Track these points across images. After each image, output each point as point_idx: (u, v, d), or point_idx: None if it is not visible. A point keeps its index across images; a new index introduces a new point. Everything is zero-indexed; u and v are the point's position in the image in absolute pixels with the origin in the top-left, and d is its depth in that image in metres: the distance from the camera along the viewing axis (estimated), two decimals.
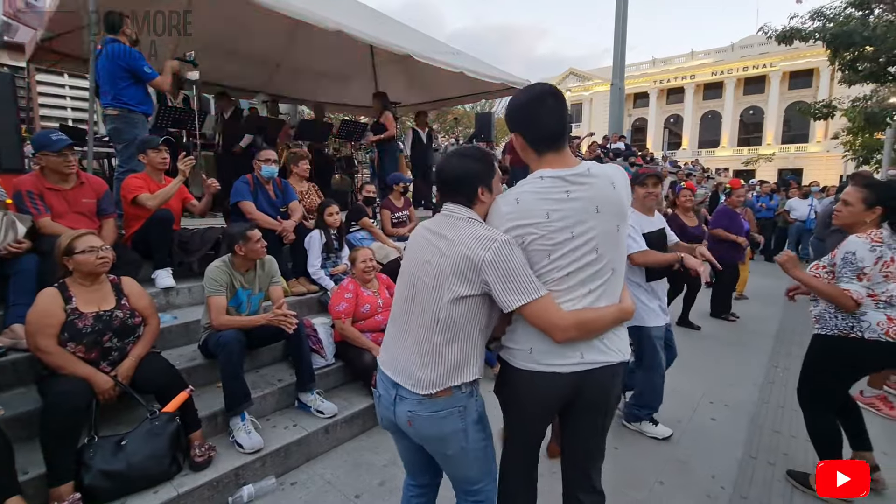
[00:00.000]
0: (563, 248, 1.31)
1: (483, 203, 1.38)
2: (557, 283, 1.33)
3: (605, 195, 1.33)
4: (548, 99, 1.32)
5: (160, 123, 4.87)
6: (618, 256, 1.39)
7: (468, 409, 1.36)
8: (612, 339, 1.39)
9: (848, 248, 2.13)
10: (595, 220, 1.32)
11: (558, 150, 1.35)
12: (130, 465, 1.94)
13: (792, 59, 30.01)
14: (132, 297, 2.28)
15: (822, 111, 13.59)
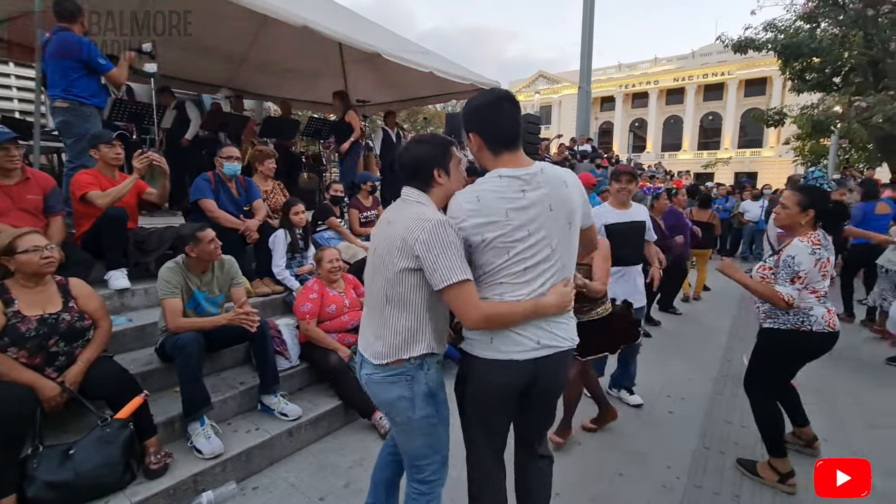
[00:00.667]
0: (521, 245, 1.40)
1: (440, 185, 1.48)
2: (516, 276, 1.43)
3: (558, 195, 1.43)
4: (504, 103, 1.42)
5: (114, 117, 4.65)
6: (568, 252, 1.50)
7: (416, 380, 1.46)
8: (561, 327, 1.50)
9: (790, 251, 2.25)
10: (548, 218, 1.42)
11: (513, 151, 1.44)
12: (79, 475, 1.85)
13: (747, 68, 31.51)
14: (81, 299, 2.18)
15: (774, 118, 14.33)
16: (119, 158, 3.16)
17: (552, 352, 1.47)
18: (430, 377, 1.50)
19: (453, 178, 1.50)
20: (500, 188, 1.40)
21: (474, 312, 1.35)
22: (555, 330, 1.47)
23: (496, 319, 1.39)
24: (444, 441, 1.59)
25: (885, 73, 12.17)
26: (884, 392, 3.54)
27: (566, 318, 1.52)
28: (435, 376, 1.52)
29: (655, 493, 2.34)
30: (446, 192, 1.50)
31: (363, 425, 2.88)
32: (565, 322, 1.51)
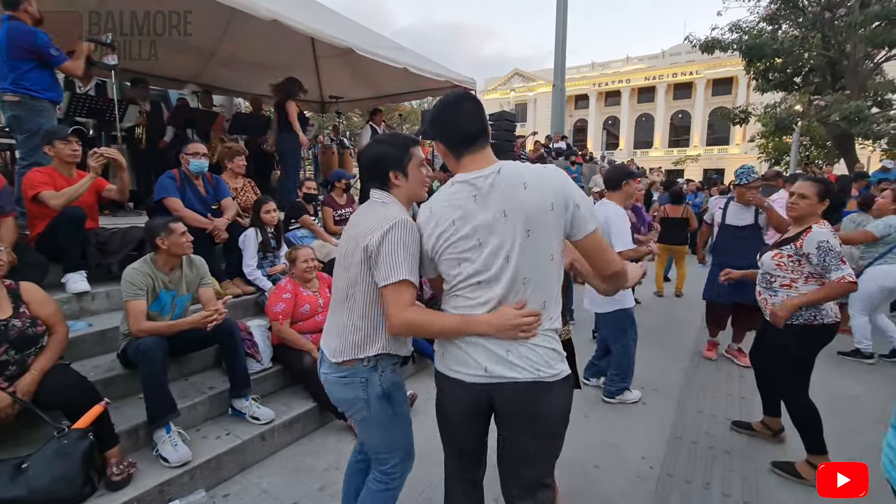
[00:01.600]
0: (473, 255, 1.27)
1: (398, 187, 1.46)
2: (471, 290, 1.30)
3: (515, 199, 1.23)
4: (465, 103, 1.33)
5: (73, 113, 4.43)
6: (534, 265, 1.26)
7: (370, 382, 1.46)
8: (522, 353, 1.26)
9: (819, 238, 2.25)
10: (503, 225, 1.24)
11: (475, 152, 1.32)
12: (33, 491, 1.75)
13: (714, 68, 32.51)
14: (33, 305, 2.05)
15: (740, 116, 14.85)
16: (76, 155, 3.00)
17: (505, 381, 1.26)
18: (385, 379, 1.47)
19: (413, 179, 1.46)
20: (451, 196, 1.31)
21: (397, 316, 1.30)
22: (512, 357, 1.25)
23: (418, 326, 1.33)
24: (404, 438, 1.59)
25: (841, 73, 12.76)
26: (844, 380, 3.69)
27: (536, 344, 1.27)
28: (389, 378, 1.49)
29: (630, 484, 2.37)
30: (407, 194, 1.48)
31: (339, 427, 2.83)
32: (531, 349, 1.27)
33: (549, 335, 1.30)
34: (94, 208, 3.19)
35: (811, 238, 2.28)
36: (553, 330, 1.31)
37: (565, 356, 1.35)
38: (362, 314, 1.42)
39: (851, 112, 10.87)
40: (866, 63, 12.58)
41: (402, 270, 1.30)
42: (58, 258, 2.87)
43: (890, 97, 13.15)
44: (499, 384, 1.28)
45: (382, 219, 1.35)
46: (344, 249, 1.48)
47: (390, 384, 1.49)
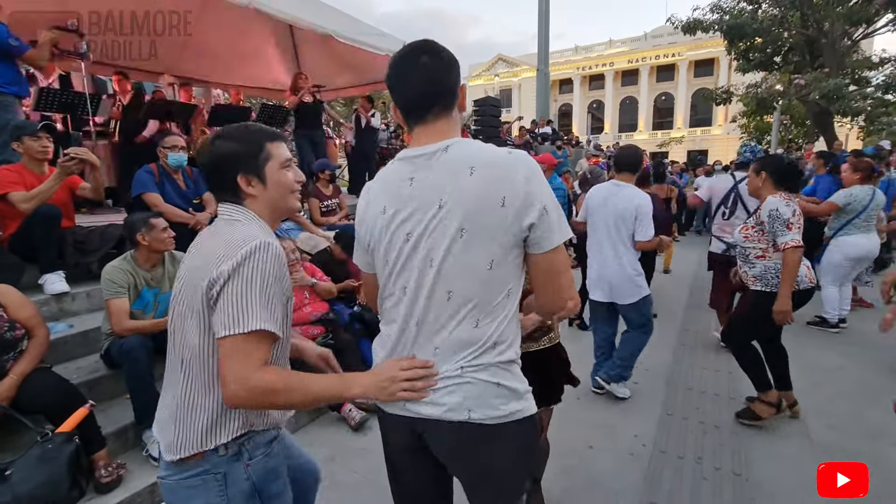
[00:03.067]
0: (399, 254, 1.01)
1: (254, 198, 1.08)
2: (393, 299, 1.04)
3: (455, 185, 0.94)
4: (420, 56, 0.99)
5: (42, 108, 4.26)
6: (460, 272, 0.96)
7: (231, 478, 1.02)
8: (449, 388, 0.98)
9: (769, 206, 2.45)
10: (436, 218, 0.96)
11: (428, 122, 1.01)
12: (18, 497, 1.69)
13: (696, 49, 32.65)
14: (10, 308, 1.98)
15: (722, 97, 14.99)
16: (46, 152, 2.88)
17: (428, 418, 0.99)
18: (256, 469, 1.05)
19: (273, 186, 1.08)
20: (388, 176, 1.05)
21: (245, 380, 0.90)
22: (437, 392, 0.98)
23: (276, 395, 0.93)
24: None
25: (820, 51, 12.90)
26: (823, 352, 3.78)
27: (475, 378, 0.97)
28: (262, 465, 1.06)
29: (623, 462, 2.41)
30: (272, 206, 1.10)
31: (333, 419, 2.82)
32: (462, 384, 0.97)
33: (493, 368, 0.98)
34: (70, 206, 3.09)
35: (764, 207, 2.48)
36: (504, 362, 0.99)
37: (524, 394, 1.03)
38: (207, 384, 1.01)
39: (830, 90, 11.04)
40: (844, 40, 12.74)
41: (255, 317, 0.92)
42: (33, 259, 2.78)
43: (867, 74, 13.37)
44: (426, 421, 1.00)
45: (232, 243, 0.97)
46: (177, 295, 1.05)
47: (263, 474, 1.06)
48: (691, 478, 2.28)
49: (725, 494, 2.16)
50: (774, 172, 2.54)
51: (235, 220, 1.06)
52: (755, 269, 2.58)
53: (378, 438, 1.17)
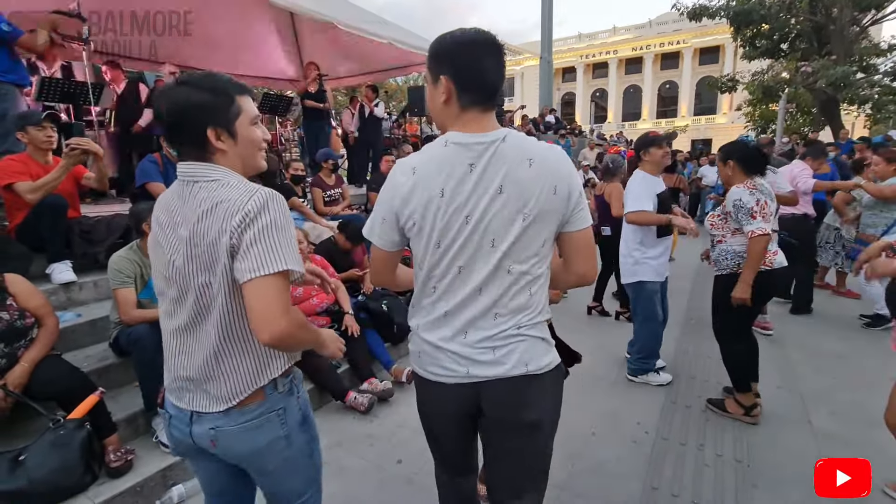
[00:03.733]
0: (457, 234, 1.07)
1: (224, 153, 1.03)
2: (448, 276, 1.11)
3: (515, 174, 1.05)
4: (492, 47, 1.07)
5: (44, 97, 4.25)
6: (519, 252, 1.09)
7: (289, 411, 1.12)
8: (509, 348, 1.11)
9: (733, 196, 2.50)
10: (496, 203, 1.05)
11: (483, 111, 1.09)
12: (33, 482, 1.74)
13: (701, 36, 32.16)
14: (20, 297, 2.01)
15: (727, 85, 14.81)
16: (51, 141, 2.88)
17: (489, 379, 1.12)
18: (304, 400, 1.19)
19: (244, 142, 1.05)
20: (443, 158, 1.07)
21: (283, 318, 0.95)
22: (498, 354, 1.11)
23: (302, 332, 1.03)
24: (319, 459, 1.27)
25: (827, 38, 12.71)
26: (824, 340, 3.80)
27: (526, 335, 1.13)
28: (305, 395, 1.20)
29: (626, 449, 2.44)
30: (242, 163, 1.07)
31: (337, 406, 2.85)
32: (521, 341, 1.12)
33: (539, 325, 1.16)
34: (76, 197, 3.10)
35: (729, 197, 2.53)
36: (544, 321, 1.17)
37: (554, 344, 1.21)
38: (246, 331, 1.04)
39: (837, 77, 10.90)
40: (852, 27, 12.54)
41: (289, 258, 0.96)
42: (41, 248, 2.80)
43: (875, 61, 13.18)
44: (483, 383, 1.13)
45: (245, 190, 0.98)
46: (185, 265, 1.01)
47: (305, 403, 1.20)
48: (693, 464, 2.30)
49: (727, 480, 2.18)
50: (741, 160, 2.57)
51: (217, 179, 1.01)
52: (713, 253, 2.69)
53: (384, 426, 1.22)
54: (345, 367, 3.04)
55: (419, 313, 1.20)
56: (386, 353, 3.22)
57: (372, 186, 5.31)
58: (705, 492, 2.11)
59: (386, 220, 1.13)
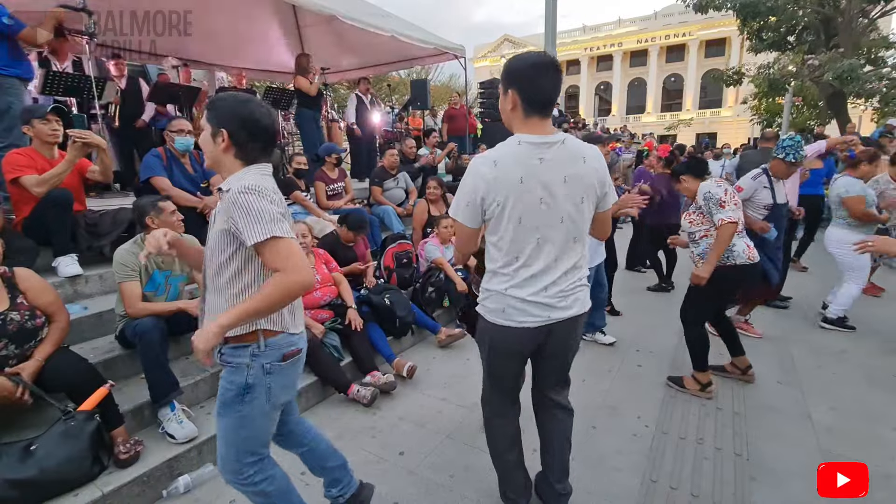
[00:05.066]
0: (534, 213, 1.45)
1: None
2: (525, 248, 1.49)
3: (574, 168, 1.46)
4: (551, 69, 1.42)
5: (48, 91, 4.26)
6: (580, 227, 1.53)
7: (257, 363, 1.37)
8: (576, 297, 1.58)
9: (703, 190, 2.73)
10: (563, 189, 1.45)
11: (544, 118, 1.46)
12: (44, 471, 1.77)
13: (707, 29, 31.82)
14: (31, 293, 2.02)
15: (733, 78, 14.63)
16: (56, 135, 2.89)
17: (563, 319, 1.56)
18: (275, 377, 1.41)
19: None
20: (518, 154, 1.43)
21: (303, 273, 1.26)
22: (568, 299, 1.56)
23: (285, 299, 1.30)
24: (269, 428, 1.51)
25: (835, 30, 12.54)
26: (826, 335, 3.80)
27: (582, 285, 1.60)
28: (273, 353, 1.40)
29: (626, 442, 2.46)
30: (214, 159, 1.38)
31: (341, 399, 2.88)
32: (581, 290, 1.59)
33: (586, 278, 1.63)
34: (80, 190, 3.12)
35: (699, 190, 2.76)
36: (587, 275, 1.64)
37: None
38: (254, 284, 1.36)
39: (844, 70, 10.74)
40: (861, 19, 12.36)
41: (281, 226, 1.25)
42: (47, 242, 2.82)
43: (883, 54, 13.00)
44: (556, 323, 1.56)
45: None
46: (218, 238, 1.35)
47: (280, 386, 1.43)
48: (693, 458, 2.32)
49: (726, 474, 2.20)
50: (689, 170, 2.89)
51: None
52: (699, 248, 2.82)
53: (387, 418, 1.24)
54: (347, 360, 3.06)
55: (502, 278, 1.54)
56: (388, 346, 3.24)
57: (374, 181, 5.31)
58: (704, 485, 2.13)
59: (470, 205, 1.48)
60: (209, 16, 6.00)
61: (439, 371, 3.26)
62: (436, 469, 2.26)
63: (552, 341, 1.64)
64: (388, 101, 13.30)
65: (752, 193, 3.38)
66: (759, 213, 3.40)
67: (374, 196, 5.24)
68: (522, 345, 1.63)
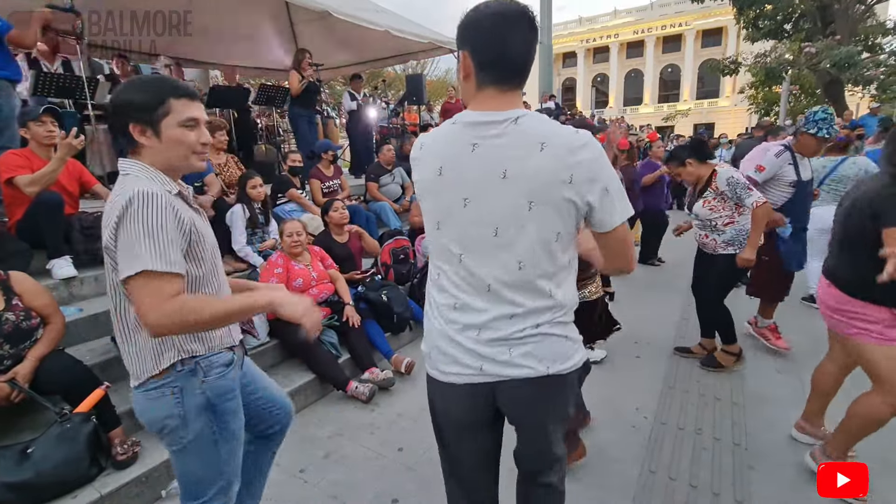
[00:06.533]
0: (453, 219, 1.04)
1: (147, 149, 1.13)
2: (450, 261, 1.08)
3: (522, 158, 0.96)
4: (522, 21, 0.97)
5: (40, 92, 4.22)
6: (528, 245, 1.00)
7: (186, 391, 1.17)
8: (528, 351, 1.06)
9: (723, 176, 2.73)
10: (499, 189, 0.98)
11: (504, 89, 1.01)
12: (40, 474, 1.77)
13: (704, 18, 31.66)
14: (26, 296, 2.02)
15: (730, 67, 14.59)
16: (51, 136, 2.85)
17: (503, 379, 1.08)
18: (211, 385, 1.20)
19: (168, 141, 1.12)
20: (448, 137, 1.04)
21: (151, 311, 1.01)
22: (513, 350, 1.05)
23: (184, 319, 1.03)
24: (229, 461, 1.28)
25: (832, 18, 12.49)
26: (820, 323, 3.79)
27: (547, 334, 1.06)
28: (219, 383, 1.21)
29: (624, 434, 2.46)
30: (164, 160, 1.14)
31: (339, 396, 2.88)
32: (541, 341, 1.06)
33: (561, 324, 1.09)
34: (76, 195, 3.10)
35: (720, 177, 2.74)
36: (567, 322, 1.11)
37: (581, 344, 1.15)
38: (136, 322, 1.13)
39: (842, 58, 10.72)
40: (857, 6, 12.30)
41: (145, 257, 1.00)
42: (41, 245, 2.81)
43: (880, 40, 12.95)
44: (498, 383, 1.09)
45: (120, 193, 1.06)
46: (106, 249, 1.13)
47: (218, 392, 1.21)
48: (691, 448, 2.33)
49: (724, 463, 2.21)
50: (693, 153, 2.87)
51: (128, 173, 1.12)
52: (725, 235, 2.83)
53: (385, 414, 1.23)
54: (345, 356, 3.06)
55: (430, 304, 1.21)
56: (386, 342, 3.24)
57: (370, 177, 5.29)
58: (703, 475, 2.14)
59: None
60: (201, 14, 5.96)
61: None
62: (435, 465, 2.22)
63: (508, 409, 1.16)
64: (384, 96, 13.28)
65: (777, 171, 3.05)
66: (784, 191, 3.07)
67: (370, 192, 5.23)
68: (452, 411, 1.19)
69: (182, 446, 1.22)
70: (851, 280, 1.84)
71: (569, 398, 1.17)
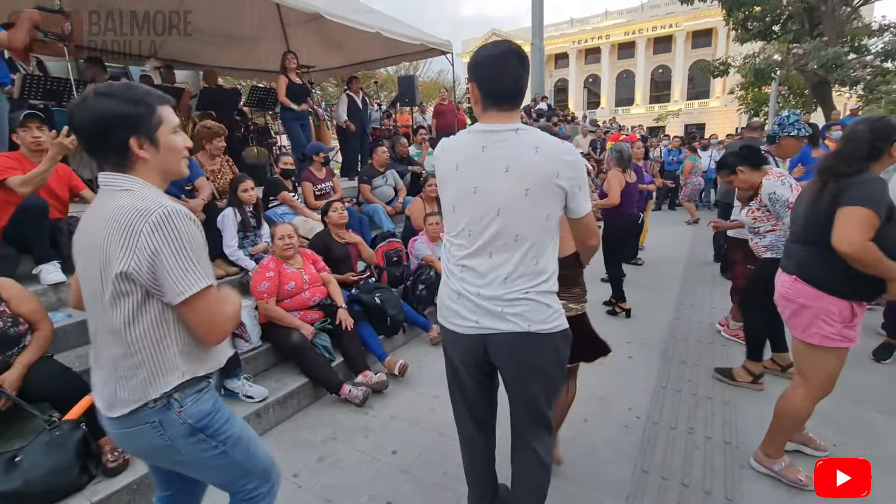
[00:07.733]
0: (467, 203, 1.36)
1: (146, 161, 1.08)
2: (461, 238, 1.40)
3: (521, 157, 1.29)
4: (512, 58, 1.31)
5: (27, 95, 4.17)
6: (522, 222, 1.32)
7: (166, 424, 1.12)
8: (513, 306, 1.34)
9: (767, 190, 2.68)
10: (502, 179, 1.30)
11: (503, 110, 1.34)
12: (29, 482, 1.75)
13: (694, 20, 31.95)
14: (13, 302, 1.99)
15: (720, 68, 14.73)
16: (37, 142, 2.82)
17: (494, 332, 1.37)
18: (189, 411, 1.14)
19: (166, 149, 1.11)
20: (462, 142, 1.39)
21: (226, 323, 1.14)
22: (508, 309, 1.34)
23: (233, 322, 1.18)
24: (249, 460, 1.27)
25: (819, 19, 12.65)
26: None
27: (530, 299, 1.34)
28: (196, 407, 1.15)
29: (617, 433, 2.48)
30: (162, 171, 1.13)
31: (332, 400, 2.87)
32: (521, 301, 1.34)
33: (544, 293, 1.37)
34: (65, 200, 3.06)
35: (763, 191, 2.72)
36: (549, 291, 1.38)
37: (563, 314, 1.42)
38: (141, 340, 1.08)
39: (829, 59, 10.86)
40: (844, 8, 12.47)
41: (202, 276, 1.05)
42: (28, 250, 2.77)
43: (866, 42, 13.14)
44: (491, 335, 1.38)
45: (139, 209, 1.01)
46: (87, 275, 1.10)
47: (197, 416, 1.16)
48: (683, 447, 2.35)
49: (716, 462, 2.23)
50: (745, 160, 2.78)
51: (128, 189, 1.06)
52: (765, 240, 2.80)
53: (379, 417, 1.25)
54: (339, 360, 3.05)
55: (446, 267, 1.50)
56: (379, 345, 3.23)
57: (363, 178, 5.27)
58: (695, 474, 2.15)
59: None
60: (193, 15, 5.92)
61: (431, 368, 3.26)
62: (429, 467, 2.26)
63: (499, 363, 1.44)
64: (376, 97, 13.23)
65: None
66: None
67: (362, 194, 5.21)
68: (457, 355, 1.51)
69: (185, 466, 1.23)
70: (823, 275, 1.84)
71: (550, 358, 1.41)
